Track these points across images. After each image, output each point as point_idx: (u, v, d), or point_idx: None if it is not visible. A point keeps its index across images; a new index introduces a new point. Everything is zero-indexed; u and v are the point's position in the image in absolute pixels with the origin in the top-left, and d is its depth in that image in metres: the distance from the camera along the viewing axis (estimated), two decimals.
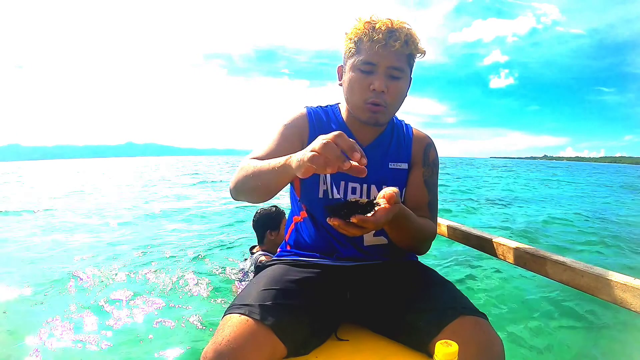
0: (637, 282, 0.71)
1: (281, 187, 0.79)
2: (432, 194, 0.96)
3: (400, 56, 0.86)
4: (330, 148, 0.59)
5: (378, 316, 0.85)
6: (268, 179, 0.75)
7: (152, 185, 12.30)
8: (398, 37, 0.84)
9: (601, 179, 19.20)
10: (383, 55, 0.84)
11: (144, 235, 4.46)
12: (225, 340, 0.67)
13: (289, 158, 0.68)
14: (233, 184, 0.85)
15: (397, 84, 0.87)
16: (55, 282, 2.66)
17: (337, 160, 0.58)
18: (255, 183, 0.79)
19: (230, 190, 0.87)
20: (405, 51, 0.86)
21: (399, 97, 0.89)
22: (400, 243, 0.88)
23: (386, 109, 0.88)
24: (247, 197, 0.86)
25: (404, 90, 0.90)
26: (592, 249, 4.13)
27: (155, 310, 2.23)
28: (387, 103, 0.87)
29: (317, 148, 0.60)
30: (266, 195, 0.82)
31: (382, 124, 0.92)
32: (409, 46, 0.86)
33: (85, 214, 6.08)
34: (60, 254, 3.51)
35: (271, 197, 0.83)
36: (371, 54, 0.84)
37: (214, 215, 6.18)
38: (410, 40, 0.86)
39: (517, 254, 0.99)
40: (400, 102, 0.91)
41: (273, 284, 0.82)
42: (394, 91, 0.87)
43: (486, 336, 0.71)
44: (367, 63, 0.85)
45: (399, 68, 0.86)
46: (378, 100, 0.86)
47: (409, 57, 0.88)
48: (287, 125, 0.95)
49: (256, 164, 0.79)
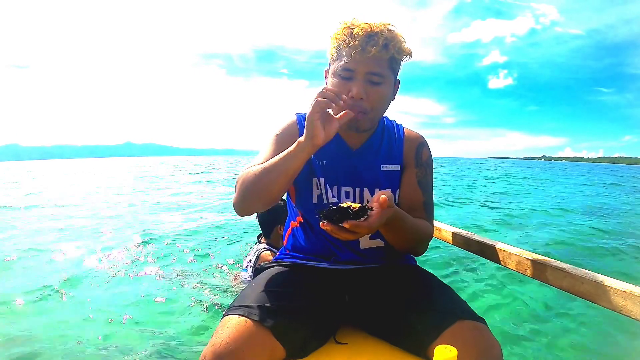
0: (637, 290, 0.71)
1: (296, 173, 0.81)
2: (426, 194, 0.96)
3: (379, 61, 0.84)
4: (322, 94, 0.75)
5: (376, 320, 0.85)
6: (282, 168, 0.79)
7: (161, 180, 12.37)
8: (376, 41, 0.82)
9: (590, 179, 19.46)
10: (360, 61, 0.83)
11: (139, 229, 4.46)
12: (224, 341, 0.67)
13: (298, 140, 0.78)
14: (239, 196, 0.84)
15: (378, 90, 0.86)
16: (49, 286, 2.64)
17: (334, 98, 0.75)
18: (265, 184, 0.80)
19: (235, 205, 0.86)
20: (385, 55, 0.84)
21: (381, 102, 0.88)
22: (396, 244, 0.88)
23: (366, 116, 0.87)
24: (256, 201, 0.84)
25: (386, 95, 0.89)
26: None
27: (155, 306, 2.22)
28: (367, 110, 0.86)
29: (313, 104, 0.74)
30: (278, 192, 0.82)
31: (364, 130, 0.91)
32: (388, 50, 0.84)
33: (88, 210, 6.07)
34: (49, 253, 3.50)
35: (286, 190, 0.89)
36: (349, 60, 0.84)
37: (215, 210, 6.20)
38: (390, 43, 0.84)
39: (517, 260, 0.99)
40: (383, 106, 0.90)
41: (272, 286, 0.82)
42: (374, 97, 0.86)
43: (485, 341, 0.71)
44: (346, 69, 0.85)
45: (377, 73, 0.85)
46: (356, 107, 0.84)
47: (390, 60, 0.86)
48: (278, 134, 0.94)
49: (259, 168, 0.80)
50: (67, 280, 2.67)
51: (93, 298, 2.37)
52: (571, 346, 1.93)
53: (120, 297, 2.40)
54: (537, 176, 20.41)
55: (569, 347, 1.93)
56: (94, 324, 2.01)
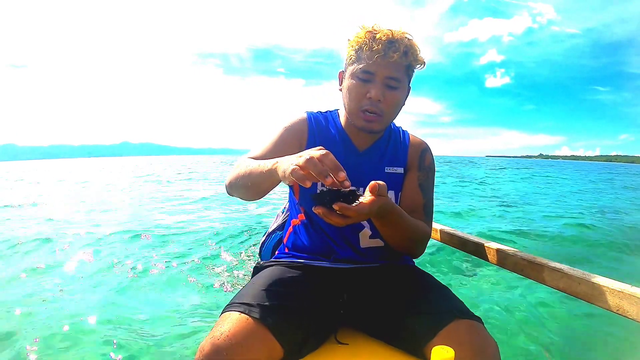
0: (634, 290, 0.71)
1: (270, 189, 0.82)
2: (426, 197, 0.98)
3: (398, 67, 0.88)
4: (312, 164, 0.61)
5: (374, 319, 0.86)
6: (257, 180, 0.79)
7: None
8: (397, 48, 0.86)
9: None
10: (381, 65, 0.86)
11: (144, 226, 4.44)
12: (224, 335, 0.68)
13: (276, 163, 0.71)
14: (228, 181, 0.89)
15: (394, 94, 0.89)
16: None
17: (318, 175, 0.60)
18: (246, 182, 0.82)
19: (226, 186, 0.91)
20: (404, 62, 0.88)
21: (395, 106, 0.92)
22: (392, 242, 0.89)
23: (381, 118, 0.90)
24: (240, 194, 0.90)
25: (401, 100, 0.92)
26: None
27: (154, 303, 2.21)
28: (382, 112, 0.89)
29: (300, 163, 0.62)
30: (256, 195, 0.87)
31: (376, 131, 0.94)
32: (407, 57, 0.88)
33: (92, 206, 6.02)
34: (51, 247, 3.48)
35: (262, 197, 0.88)
36: (370, 63, 0.87)
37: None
38: (409, 51, 0.88)
39: (514, 260, 1.00)
40: (396, 111, 0.94)
41: (271, 284, 0.83)
42: (390, 101, 0.89)
43: (481, 340, 0.72)
44: (366, 72, 0.88)
45: (396, 78, 0.88)
46: (373, 109, 0.88)
47: (407, 67, 0.90)
48: (287, 128, 0.97)
49: (249, 164, 0.82)
50: (66, 279, 2.66)
51: (93, 298, 2.35)
52: (568, 346, 1.94)
53: (120, 292, 2.39)
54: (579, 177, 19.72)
55: (567, 346, 1.94)
56: (94, 324, 1.99)
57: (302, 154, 0.64)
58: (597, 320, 2.12)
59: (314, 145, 0.94)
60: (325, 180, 0.61)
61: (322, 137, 0.98)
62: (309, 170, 0.61)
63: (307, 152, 0.64)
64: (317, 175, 0.60)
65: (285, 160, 0.68)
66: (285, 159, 0.69)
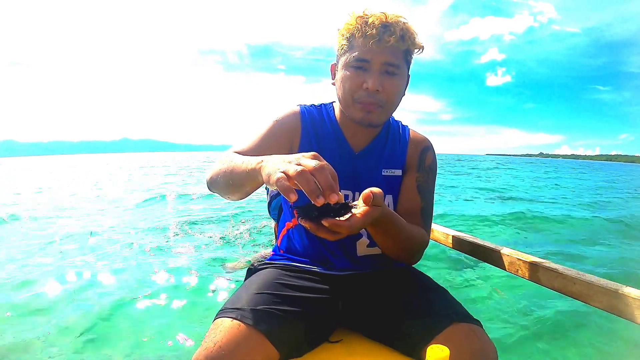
0: (628, 290, 0.71)
1: (253, 191, 0.71)
2: (425, 201, 0.92)
3: (396, 52, 0.81)
4: (304, 179, 0.50)
5: (371, 322, 0.84)
6: (239, 180, 0.68)
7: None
8: (393, 31, 0.79)
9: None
10: (377, 51, 0.79)
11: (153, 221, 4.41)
12: (216, 345, 0.66)
13: (261, 162, 0.60)
14: (209, 176, 0.78)
15: (393, 81, 0.82)
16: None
17: (309, 194, 0.50)
18: (227, 180, 0.72)
19: (207, 182, 0.80)
20: (402, 47, 0.81)
21: (395, 95, 0.84)
22: (387, 250, 0.83)
23: (382, 109, 0.84)
24: (220, 192, 0.79)
25: (401, 87, 0.85)
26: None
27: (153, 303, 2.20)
28: (382, 102, 0.83)
29: (290, 172, 0.51)
30: (238, 196, 0.76)
31: (376, 124, 0.87)
32: (405, 41, 0.81)
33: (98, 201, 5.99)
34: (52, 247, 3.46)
35: (243, 198, 0.77)
36: (364, 50, 0.80)
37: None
38: (406, 35, 0.81)
39: (509, 260, 0.99)
40: (397, 100, 0.86)
41: (265, 288, 0.80)
42: (389, 89, 0.82)
43: (480, 343, 0.70)
44: (361, 60, 0.81)
45: (394, 64, 0.81)
46: (371, 100, 0.81)
47: (405, 53, 0.83)
48: (278, 121, 0.89)
49: (232, 160, 0.71)
50: (69, 278, 2.64)
51: (93, 298, 2.34)
52: (567, 346, 1.94)
53: (117, 292, 2.37)
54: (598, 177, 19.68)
55: (565, 347, 1.94)
56: (95, 324, 1.98)
57: (292, 159, 0.54)
58: (596, 320, 2.12)
59: (307, 145, 0.91)
60: (316, 201, 0.50)
61: (316, 133, 0.92)
62: (298, 183, 0.50)
63: (299, 157, 0.54)
64: (308, 193, 0.50)
65: (272, 163, 0.57)
66: (272, 160, 0.58)
